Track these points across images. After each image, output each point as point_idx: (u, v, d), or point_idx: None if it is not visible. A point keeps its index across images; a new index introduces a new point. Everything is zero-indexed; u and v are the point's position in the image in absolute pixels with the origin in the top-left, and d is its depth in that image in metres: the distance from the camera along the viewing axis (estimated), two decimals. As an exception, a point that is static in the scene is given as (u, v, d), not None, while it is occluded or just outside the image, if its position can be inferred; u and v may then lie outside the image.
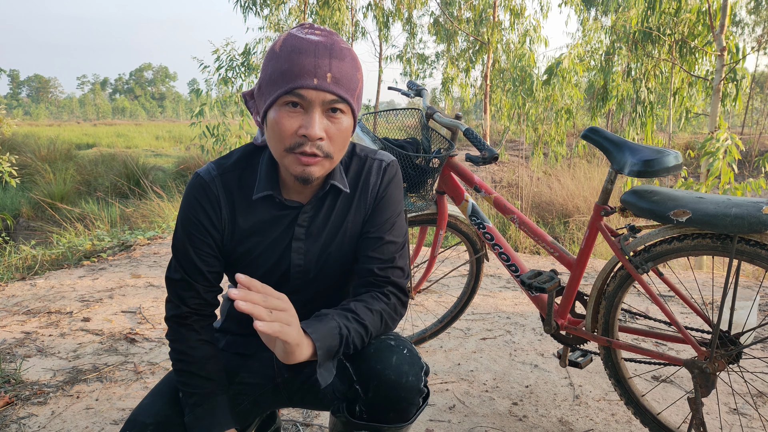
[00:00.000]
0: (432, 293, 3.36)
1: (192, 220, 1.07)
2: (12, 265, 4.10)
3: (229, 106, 9.35)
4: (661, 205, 1.44)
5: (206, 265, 1.09)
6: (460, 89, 14.67)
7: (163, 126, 34.37)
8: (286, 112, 0.95)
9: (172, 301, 1.11)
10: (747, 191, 4.34)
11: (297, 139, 0.96)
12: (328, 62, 0.95)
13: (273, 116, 0.97)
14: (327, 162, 1.00)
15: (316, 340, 0.92)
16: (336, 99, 0.96)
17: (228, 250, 1.12)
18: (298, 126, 0.96)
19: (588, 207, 7.68)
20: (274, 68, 0.96)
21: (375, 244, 1.12)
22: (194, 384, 1.08)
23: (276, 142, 0.98)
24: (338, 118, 0.98)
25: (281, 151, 0.98)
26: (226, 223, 1.10)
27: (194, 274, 1.08)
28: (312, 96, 0.94)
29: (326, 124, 0.97)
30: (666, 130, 10.26)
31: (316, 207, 1.11)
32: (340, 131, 0.99)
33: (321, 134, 0.96)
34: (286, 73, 0.94)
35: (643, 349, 1.58)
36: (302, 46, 0.94)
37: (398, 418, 1.05)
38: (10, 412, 1.89)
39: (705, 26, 7.44)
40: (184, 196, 1.10)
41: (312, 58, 0.94)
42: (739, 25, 27.26)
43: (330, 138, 0.98)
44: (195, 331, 1.10)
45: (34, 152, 14.04)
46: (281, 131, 0.96)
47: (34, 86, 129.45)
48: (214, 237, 1.09)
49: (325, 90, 0.95)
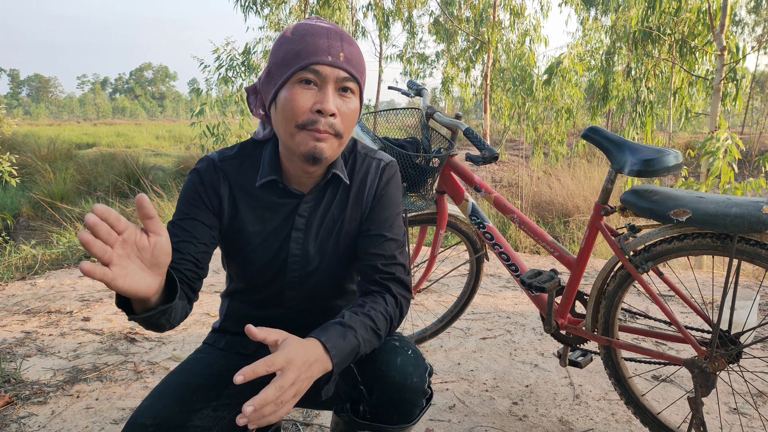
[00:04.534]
0: (432, 293, 3.36)
1: (191, 189, 1.10)
2: (12, 265, 4.10)
3: (230, 105, 9.35)
4: (661, 205, 1.44)
5: (198, 233, 1.08)
6: (460, 89, 14.67)
7: (163, 125, 34.36)
8: (300, 88, 0.98)
9: None
10: (747, 191, 4.34)
11: (311, 116, 0.99)
12: (339, 44, 1.00)
13: (286, 95, 0.99)
14: (336, 141, 1.02)
15: (336, 365, 0.92)
16: (348, 77, 1.00)
17: (227, 238, 1.13)
18: (312, 102, 0.99)
19: (588, 206, 7.68)
20: (287, 50, 0.99)
21: (376, 242, 1.13)
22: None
23: (287, 121, 1.00)
24: (349, 97, 1.02)
25: (292, 128, 1.00)
26: (225, 205, 1.11)
27: (184, 249, 1.06)
28: (327, 72, 0.98)
29: (338, 102, 1.01)
30: (666, 129, 10.26)
31: (317, 198, 1.13)
32: (350, 110, 1.02)
33: (334, 109, 0.99)
34: (300, 52, 0.98)
35: (643, 349, 1.58)
36: (315, 30, 1.00)
37: (402, 419, 1.05)
38: (10, 411, 1.89)
39: (705, 26, 7.44)
40: (186, 179, 1.12)
41: (325, 39, 0.99)
42: (739, 25, 27.25)
43: (341, 116, 1.01)
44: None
45: (34, 152, 14.03)
46: (295, 107, 0.98)
47: (34, 86, 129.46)
48: (208, 208, 1.10)
49: (339, 67, 0.99)
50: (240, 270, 1.19)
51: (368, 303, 1.06)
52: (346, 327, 0.97)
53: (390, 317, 1.07)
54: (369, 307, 1.05)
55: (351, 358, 0.96)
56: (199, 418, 1.06)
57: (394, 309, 1.10)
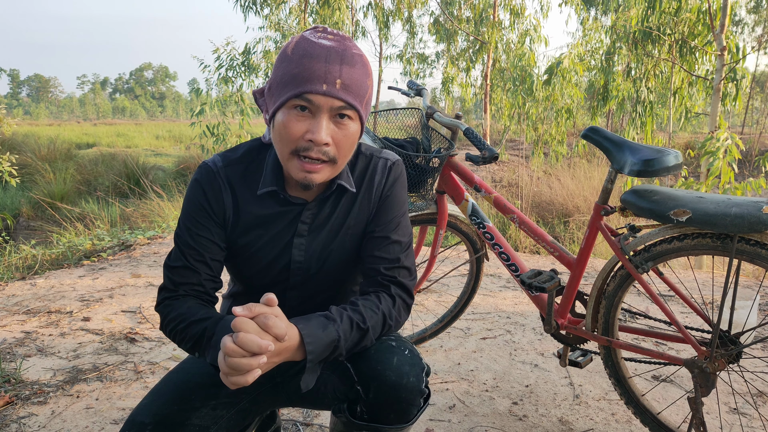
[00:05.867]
0: (432, 293, 3.36)
1: (195, 204, 1.08)
2: (12, 265, 4.11)
3: (230, 105, 9.35)
4: (661, 205, 1.44)
5: (208, 251, 1.09)
6: (460, 89, 14.66)
7: (163, 125, 34.34)
8: (294, 115, 0.97)
9: (167, 288, 1.08)
10: (747, 191, 4.34)
11: (303, 143, 0.97)
12: (338, 68, 0.96)
13: (281, 119, 0.98)
14: (329, 168, 1.01)
15: (310, 353, 0.93)
16: (344, 105, 0.97)
17: (230, 242, 1.13)
18: (305, 130, 0.97)
19: (588, 206, 7.68)
20: (285, 71, 0.97)
21: (381, 244, 1.13)
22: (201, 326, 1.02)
23: (282, 145, 0.99)
24: (345, 124, 0.99)
25: (287, 154, 1.00)
26: (229, 213, 1.11)
27: (196, 261, 1.08)
28: (320, 101, 0.96)
29: (333, 130, 0.98)
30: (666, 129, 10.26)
31: (320, 204, 1.12)
32: (346, 137, 1.00)
33: (327, 140, 0.97)
34: (296, 77, 0.95)
35: (643, 349, 1.58)
36: (314, 51, 0.96)
37: (399, 419, 1.05)
38: (10, 411, 1.89)
39: (705, 26, 7.44)
40: (189, 184, 1.11)
41: (323, 63, 0.95)
42: (739, 25, 27.24)
43: (336, 143, 0.99)
44: (193, 299, 1.08)
45: (34, 152, 14.03)
46: (288, 134, 0.97)
47: (34, 86, 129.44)
48: (216, 223, 1.10)
49: (333, 96, 0.96)
50: (241, 273, 1.19)
51: (360, 300, 1.06)
52: (329, 319, 0.98)
53: (384, 314, 1.07)
54: (360, 303, 1.05)
55: (329, 350, 0.96)
56: (197, 416, 1.06)
57: (390, 308, 1.09)
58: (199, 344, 1.02)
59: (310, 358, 0.93)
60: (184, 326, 1.02)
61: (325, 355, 0.96)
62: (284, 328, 0.88)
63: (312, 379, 0.97)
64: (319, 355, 0.95)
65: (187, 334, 1.02)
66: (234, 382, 0.85)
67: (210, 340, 0.99)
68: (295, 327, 0.93)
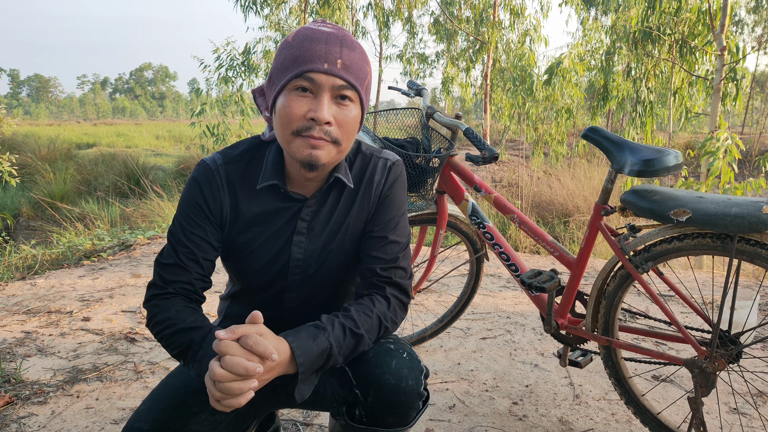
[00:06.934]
0: (432, 293, 3.36)
1: (192, 203, 1.08)
2: (12, 265, 4.10)
3: (230, 105, 9.36)
4: (661, 205, 1.44)
5: (201, 250, 1.08)
6: (460, 89, 14.66)
7: (163, 125, 34.35)
8: (296, 96, 0.97)
9: (156, 284, 1.07)
10: (747, 191, 4.34)
11: (305, 123, 0.97)
12: (338, 50, 0.97)
13: (282, 101, 0.98)
14: (334, 148, 1.01)
15: (301, 365, 0.93)
16: (345, 85, 0.98)
17: (228, 240, 1.13)
18: (306, 109, 0.97)
19: (588, 206, 7.68)
20: (286, 55, 0.98)
21: (378, 244, 1.13)
22: (188, 337, 1.02)
23: (284, 127, 0.99)
24: (347, 105, 1.00)
25: (288, 135, 0.99)
26: (227, 212, 1.10)
27: (188, 260, 1.07)
28: (322, 80, 0.96)
29: (335, 111, 0.99)
30: (666, 129, 10.25)
31: (319, 201, 1.12)
32: (348, 118, 1.00)
33: (329, 118, 0.97)
34: (297, 59, 0.96)
35: (643, 349, 1.58)
36: (314, 35, 0.97)
37: (398, 422, 1.05)
38: (10, 411, 1.89)
39: (705, 26, 7.43)
40: (187, 181, 1.11)
41: (323, 45, 0.96)
42: (739, 25, 27.24)
43: (339, 123, 0.99)
44: (181, 300, 1.07)
45: (34, 152, 14.04)
46: (290, 114, 0.97)
47: (34, 86, 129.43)
48: (212, 222, 1.09)
49: (334, 75, 0.97)
50: (240, 272, 1.18)
51: (353, 306, 1.06)
52: (320, 329, 0.98)
53: (378, 317, 1.06)
54: (353, 309, 1.05)
55: (322, 360, 0.96)
56: (196, 422, 1.05)
57: (384, 310, 1.08)
58: (185, 355, 1.03)
59: (302, 370, 0.93)
60: (171, 332, 1.02)
61: (319, 365, 0.96)
62: (269, 347, 0.87)
63: (307, 390, 0.97)
64: (311, 366, 0.95)
65: (174, 342, 1.03)
66: (227, 405, 0.86)
67: (196, 354, 1.00)
68: (285, 341, 0.93)
